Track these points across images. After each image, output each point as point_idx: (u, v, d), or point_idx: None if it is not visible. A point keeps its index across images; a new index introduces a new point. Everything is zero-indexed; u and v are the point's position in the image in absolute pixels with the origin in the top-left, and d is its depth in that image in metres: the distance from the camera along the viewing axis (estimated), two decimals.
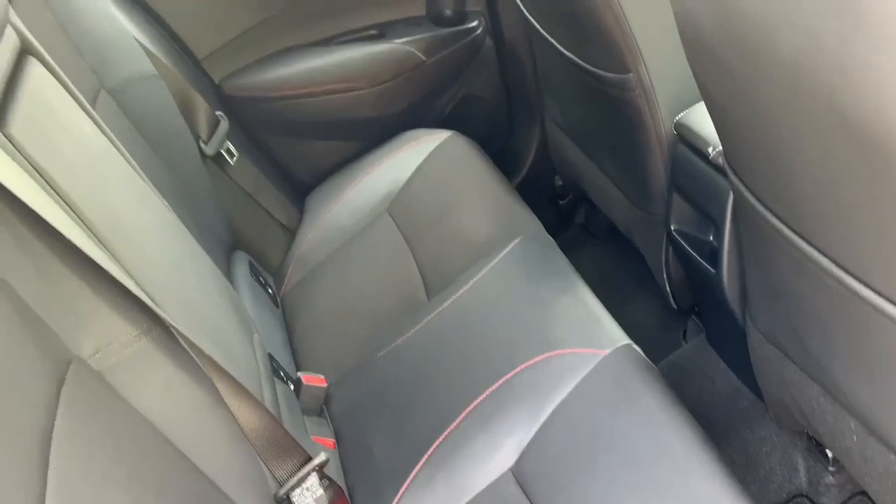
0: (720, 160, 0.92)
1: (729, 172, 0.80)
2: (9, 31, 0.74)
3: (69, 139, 0.76)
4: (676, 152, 1.10)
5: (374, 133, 1.61)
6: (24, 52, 0.78)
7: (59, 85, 0.81)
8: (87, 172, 0.76)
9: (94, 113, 0.86)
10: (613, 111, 1.15)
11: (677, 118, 1.07)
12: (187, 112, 1.29)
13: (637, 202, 1.28)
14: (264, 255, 1.41)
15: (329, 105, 1.57)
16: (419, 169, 1.41)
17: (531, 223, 1.27)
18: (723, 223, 1.02)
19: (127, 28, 1.24)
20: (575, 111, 1.43)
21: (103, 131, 0.86)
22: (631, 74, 1.04)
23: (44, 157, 0.66)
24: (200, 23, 1.47)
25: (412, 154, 1.46)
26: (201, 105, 1.32)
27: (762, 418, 1.27)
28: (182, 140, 1.26)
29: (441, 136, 1.47)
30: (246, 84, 1.53)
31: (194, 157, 1.28)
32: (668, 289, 1.31)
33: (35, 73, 0.76)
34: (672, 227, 1.17)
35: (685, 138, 1.07)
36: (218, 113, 1.37)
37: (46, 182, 0.66)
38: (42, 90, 0.75)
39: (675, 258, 1.26)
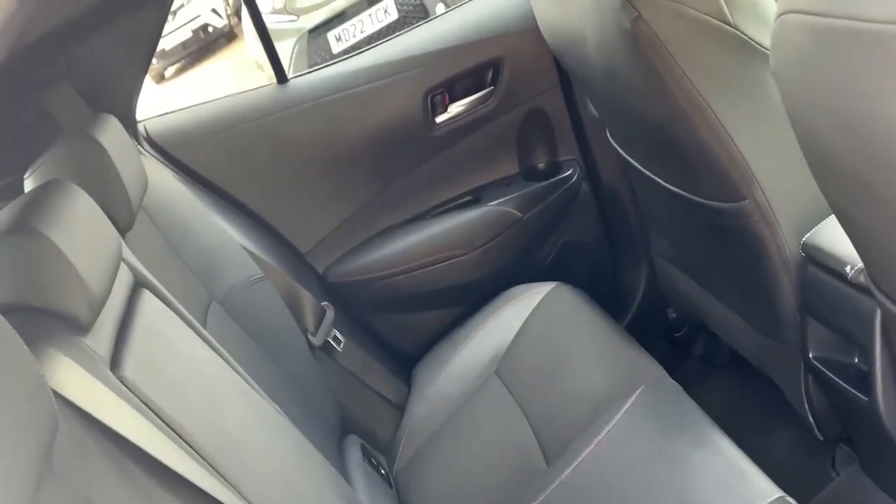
0: (861, 278, 0.89)
1: (874, 290, 0.77)
2: (123, 268, 0.84)
3: (181, 366, 0.84)
4: (806, 275, 1.06)
5: (475, 296, 1.64)
6: (138, 285, 0.88)
7: (171, 313, 0.90)
8: (199, 397, 0.82)
9: (205, 333, 0.94)
10: (730, 240, 1.12)
11: (804, 239, 1.03)
12: (294, 307, 1.38)
13: (766, 331, 1.22)
14: (375, 435, 1.43)
15: (429, 276, 1.63)
16: (525, 326, 1.41)
17: (652, 370, 1.22)
18: (871, 345, 0.94)
19: (232, 236, 1.37)
20: (686, 244, 1.41)
21: (214, 349, 0.94)
22: (747, 201, 1.02)
23: (157, 394, 0.73)
24: (302, 219, 1.60)
25: (516, 312, 1.46)
26: (307, 299, 1.41)
27: None
28: (291, 337, 1.34)
29: (544, 288, 1.47)
30: (348, 270, 1.62)
31: (303, 351, 1.35)
32: (810, 419, 1.21)
33: (148, 305, 0.86)
34: (810, 355, 1.10)
35: (816, 259, 1.02)
36: (324, 303, 1.45)
37: (158, 416, 0.72)
38: (155, 322, 0.85)
39: (815, 386, 1.17)
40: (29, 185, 0.99)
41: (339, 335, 1.45)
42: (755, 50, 0.96)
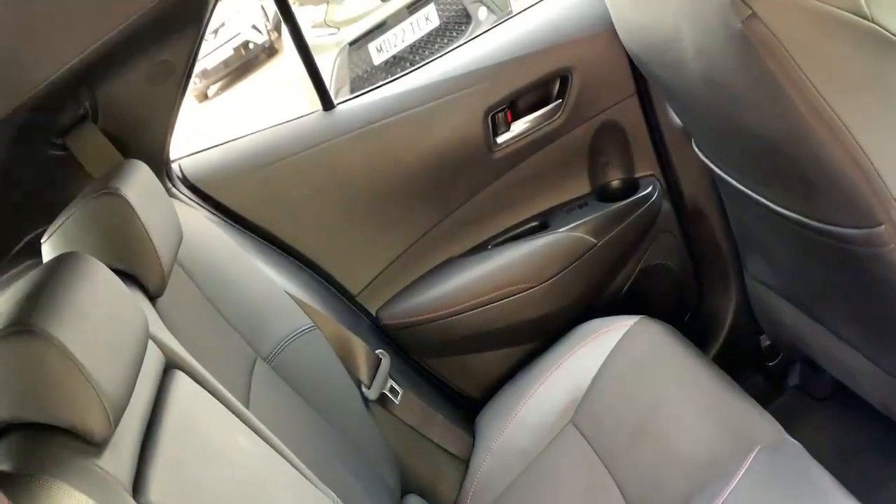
0: None
1: None
2: (151, 349, 0.74)
3: (220, 468, 0.75)
4: None
5: (545, 332, 1.53)
6: (170, 366, 0.79)
7: (208, 396, 0.81)
8: (241, 494, 0.73)
9: (248, 415, 0.85)
10: (858, 271, 1.00)
11: None
12: (347, 358, 1.30)
13: None
14: (437, 493, 1.33)
15: (493, 313, 1.51)
16: (605, 367, 1.30)
17: (767, 426, 1.10)
18: None
19: (276, 282, 1.29)
20: (795, 271, 1.27)
21: (260, 433, 0.85)
22: (883, 227, 0.89)
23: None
24: (352, 258, 1.51)
25: (593, 350, 1.34)
26: (360, 347, 1.32)
27: None
28: (344, 391, 1.25)
29: (625, 323, 1.35)
30: (404, 311, 1.52)
31: (357, 406, 1.26)
32: None
33: (181, 391, 0.77)
34: None
35: None
36: (378, 351, 1.36)
37: None
38: (189, 414, 0.76)
39: None
40: (47, 250, 0.90)
41: (395, 385, 1.35)
42: None
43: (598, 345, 1.35)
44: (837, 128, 0.84)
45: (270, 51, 8.81)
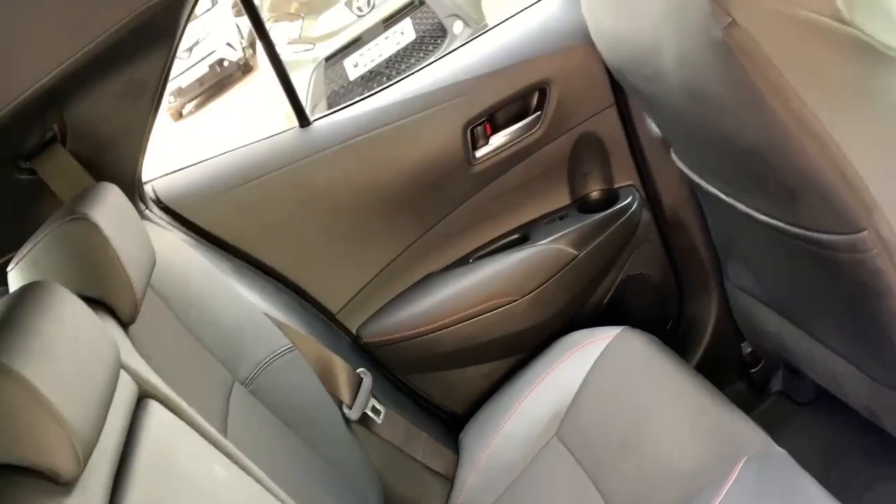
0: None
1: None
2: (123, 379, 0.71)
3: (197, 496, 0.72)
4: None
5: (528, 346, 1.52)
6: (143, 396, 0.76)
7: (184, 426, 0.78)
8: None
9: (226, 444, 0.82)
10: (840, 277, 0.99)
11: None
12: (327, 378, 1.27)
13: (882, 379, 1.09)
14: None
15: (475, 328, 1.49)
16: (588, 380, 1.28)
17: (754, 434, 1.09)
18: None
19: (254, 303, 1.26)
20: (777, 278, 1.27)
21: (237, 461, 0.82)
22: (866, 232, 0.89)
23: None
24: (331, 276, 1.48)
25: (576, 363, 1.33)
26: (341, 367, 1.29)
27: None
28: (325, 412, 1.23)
29: (607, 334, 1.34)
30: (385, 328, 1.49)
31: (339, 427, 1.24)
32: None
33: (155, 422, 0.74)
34: None
35: None
36: (359, 370, 1.34)
37: None
38: (163, 446, 0.73)
39: None
40: (13, 278, 0.86)
41: (377, 404, 1.33)
42: (878, 53, 0.81)
43: (581, 357, 1.34)
44: (820, 135, 0.83)
45: (245, 68, 8.77)
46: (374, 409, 1.32)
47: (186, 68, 8.18)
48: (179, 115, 8.69)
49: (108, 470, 0.62)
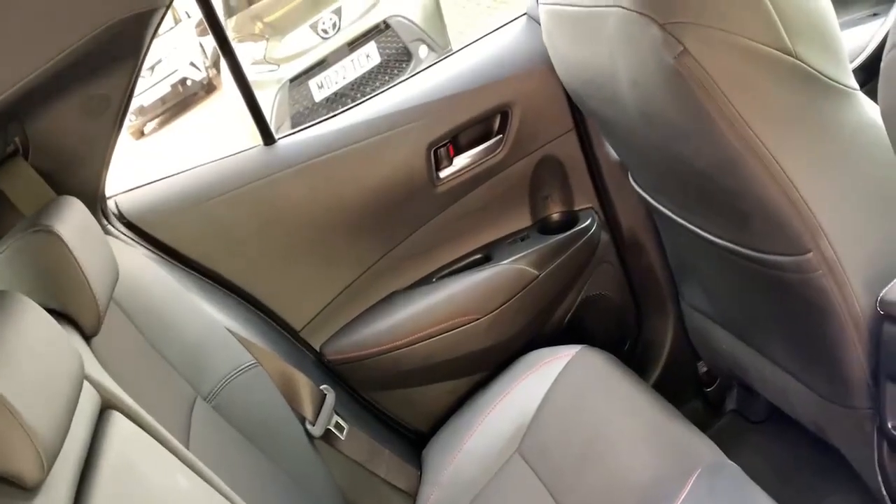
0: None
1: None
2: (87, 389, 0.71)
3: (159, 502, 0.71)
4: (881, 334, 0.96)
5: (490, 364, 1.53)
6: (107, 407, 0.76)
7: (146, 437, 0.78)
8: None
9: (188, 455, 0.82)
10: (788, 296, 1.03)
11: (882, 295, 0.94)
12: (290, 394, 1.26)
13: (830, 396, 1.11)
14: None
15: (438, 346, 1.50)
16: (548, 397, 1.30)
17: (706, 449, 1.12)
18: None
19: (217, 320, 1.25)
20: (729, 298, 1.30)
21: (200, 472, 0.82)
22: (811, 254, 0.93)
23: None
24: (295, 293, 1.48)
25: (537, 380, 1.35)
26: (304, 383, 1.29)
27: None
28: (288, 428, 1.22)
29: (567, 353, 1.36)
30: (348, 346, 1.49)
31: (302, 443, 1.23)
32: (884, 491, 1.11)
33: (118, 432, 0.74)
34: (889, 424, 1.00)
35: (894, 316, 0.92)
36: (323, 387, 1.34)
37: None
38: (126, 455, 0.72)
39: (892, 455, 1.06)
40: None
41: (340, 421, 1.33)
42: (821, 83, 0.86)
43: (541, 374, 1.35)
44: (767, 160, 0.87)
45: (209, 87, 8.71)
46: (338, 426, 1.31)
47: (149, 87, 8.09)
48: (141, 134, 8.58)
49: (71, 478, 0.62)
